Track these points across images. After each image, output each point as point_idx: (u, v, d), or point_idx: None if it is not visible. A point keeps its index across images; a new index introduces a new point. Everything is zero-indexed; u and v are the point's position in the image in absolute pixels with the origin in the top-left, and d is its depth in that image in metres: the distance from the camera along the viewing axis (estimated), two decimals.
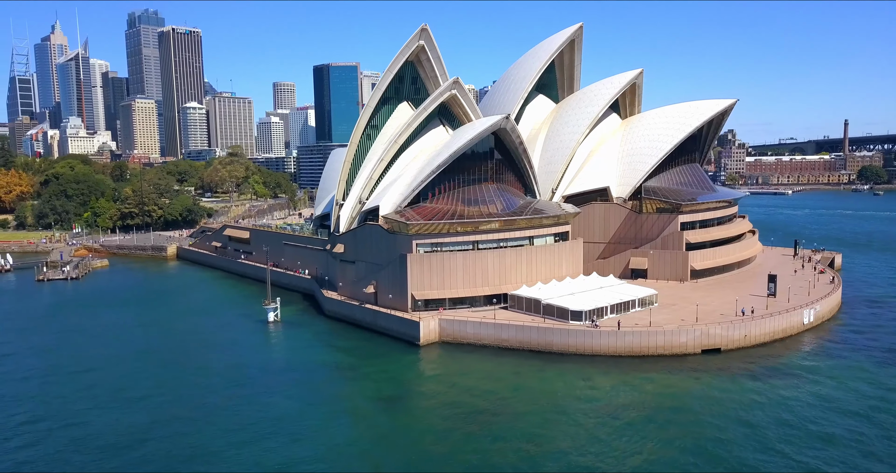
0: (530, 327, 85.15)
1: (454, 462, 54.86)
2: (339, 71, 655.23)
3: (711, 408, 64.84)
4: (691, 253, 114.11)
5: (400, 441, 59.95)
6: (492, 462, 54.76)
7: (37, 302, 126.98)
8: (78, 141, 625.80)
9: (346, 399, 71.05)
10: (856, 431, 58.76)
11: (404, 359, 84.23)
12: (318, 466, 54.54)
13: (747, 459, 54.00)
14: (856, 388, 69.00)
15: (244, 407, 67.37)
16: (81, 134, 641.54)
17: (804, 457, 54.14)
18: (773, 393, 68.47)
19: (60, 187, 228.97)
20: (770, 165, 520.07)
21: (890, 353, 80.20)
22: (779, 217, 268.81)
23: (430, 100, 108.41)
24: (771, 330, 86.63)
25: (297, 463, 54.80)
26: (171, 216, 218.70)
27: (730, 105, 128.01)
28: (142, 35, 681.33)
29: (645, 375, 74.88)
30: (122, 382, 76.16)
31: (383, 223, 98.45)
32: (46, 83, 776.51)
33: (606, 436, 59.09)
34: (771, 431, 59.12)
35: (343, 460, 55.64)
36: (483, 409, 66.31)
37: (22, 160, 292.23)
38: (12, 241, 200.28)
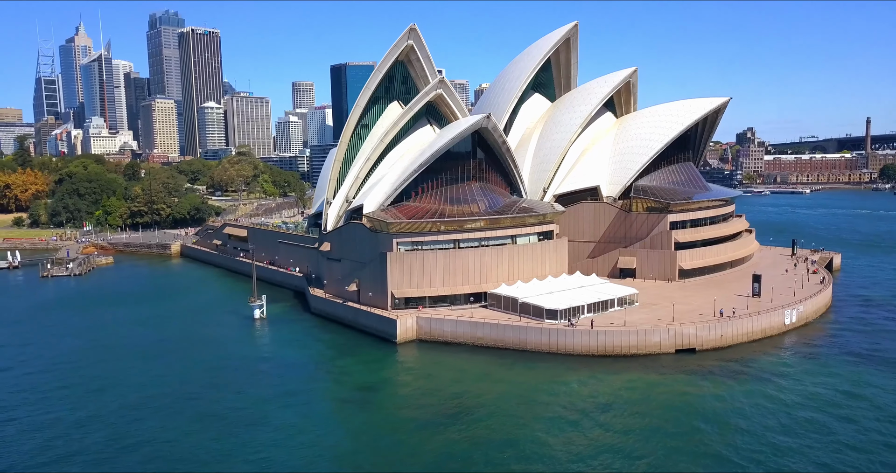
0: (504, 325, 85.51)
1: (405, 458, 55.54)
2: (356, 70, 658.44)
3: (668, 407, 64.81)
4: (679, 252, 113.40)
5: (359, 437, 60.72)
6: (443, 458, 55.31)
7: (33, 297, 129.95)
8: (100, 140, 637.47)
9: (315, 395, 71.94)
10: (807, 435, 58.14)
11: (379, 357, 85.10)
12: (271, 453, 55.53)
13: (679, 461, 53.86)
14: (821, 391, 68.25)
15: (209, 402, 68.71)
16: (104, 133, 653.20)
17: (742, 461, 53.87)
18: (737, 393, 68.15)
19: (73, 186, 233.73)
20: (789, 164, 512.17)
21: (867, 356, 79.12)
22: (790, 216, 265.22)
23: (416, 100, 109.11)
24: (748, 330, 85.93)
25: (246, 453, 55.87)
26: (179, 214, 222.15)
27: (722, 103, 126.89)
28: (162, 36, 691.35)
29: (614, 374, 74.89)
30: (86, 374, 78.28)
31: (366, 222, 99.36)
32: (71, 84, 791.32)
33: (559, 434, 59.34)
34: (720, 433, 58.83)
35: (301, 452, 56.53)
36: (446, 407, 66.82)
37: (39, 159, 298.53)
38: (24, 239, 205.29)
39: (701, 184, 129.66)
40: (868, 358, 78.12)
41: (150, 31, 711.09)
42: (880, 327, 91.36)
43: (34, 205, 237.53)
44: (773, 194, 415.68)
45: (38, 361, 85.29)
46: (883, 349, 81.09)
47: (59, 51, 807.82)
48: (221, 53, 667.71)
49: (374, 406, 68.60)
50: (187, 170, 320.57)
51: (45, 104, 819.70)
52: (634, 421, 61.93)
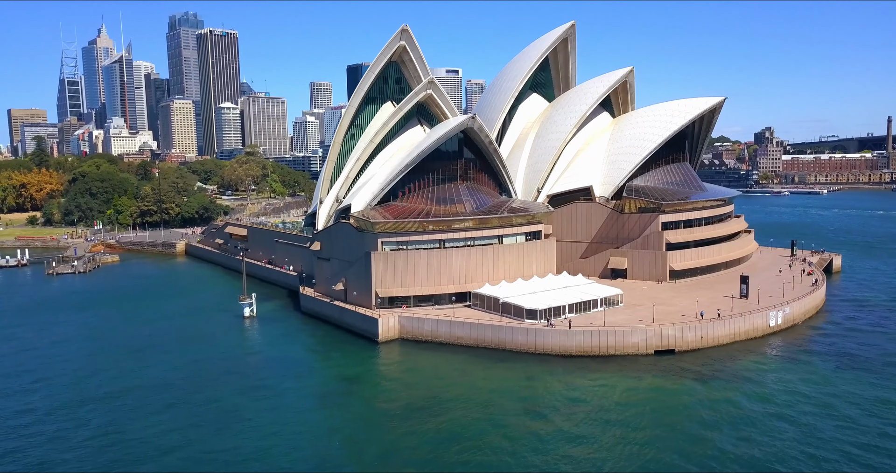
0: (484, 325, 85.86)
1: (361, 452, 56.26)
2: None
3: (632, 407, 64.83)
4: (670, 253, 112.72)
5: (319, 432, 61.47)
6: (406, 456, 55.96)
7: (34, 294, 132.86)
8: (120, 140, 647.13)
9: (290, 393, 72.64)
10: (757, 438, 57.64)
11: (360, 355, 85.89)
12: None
13: (626, 460, 53.94)
14: (790, 395, 67.45)
15: (181, 397, 70.11)
16: (124, 134, 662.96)
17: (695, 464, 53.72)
18: (708, 394, 67.88)
19: (86, 185, 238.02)
20: (808, 164, 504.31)
21: (848, 361, 77.93)
22: (801, 217, 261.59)
23: (406, 101, 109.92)
24: (730, 331, 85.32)
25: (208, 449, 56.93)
26: (188, 213, 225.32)
27: (717, 103, 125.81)
28: (182, 37, 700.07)
29: (589, 374, 74.92)
30: (67, 367, 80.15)
31: (352, 221, 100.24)
32: (93, 85, 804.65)
33: (521, 434, 59.54)
34: (683, 434, 58.67)
35: (261, 443, 57.44)
36: (417, 405, 67.40)
37: (55, 159, 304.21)
38: (36, 237, 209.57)
39: (696, 185, 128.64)
40: (848, 363, 76.95)
41: (169, 32, 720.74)
42: (868, 331, 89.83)
43: (48, 204, 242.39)
44: (793, 194, 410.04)
45: (19, 355, 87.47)
46: (865, 354, 79.73)
47: (81, 52, 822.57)
48: (239, 54, 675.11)
49: (343, 403, 69.26)
50: (200, 170, 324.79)
51: (69, 105, 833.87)
52: (596, 420, 62.00)
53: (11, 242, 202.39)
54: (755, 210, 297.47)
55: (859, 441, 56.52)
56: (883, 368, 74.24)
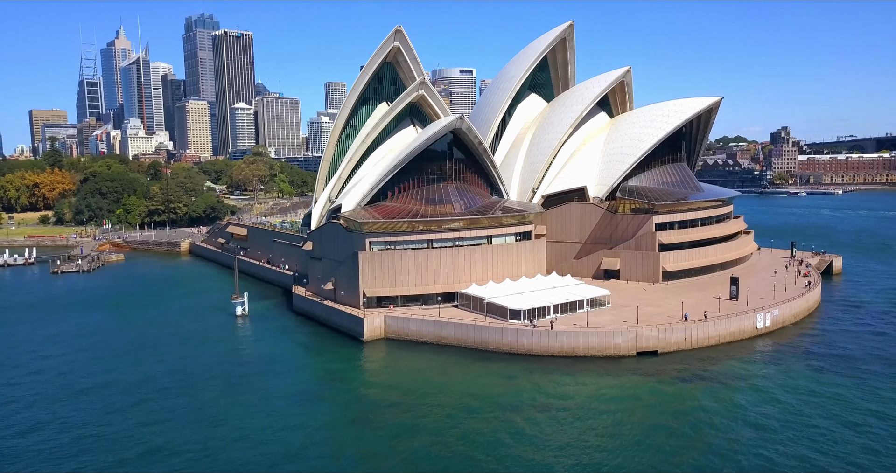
0: (467, 325, 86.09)
1: (328, 452, 56.83)
2: None
3: (603, 407, 64.72)
4: (663, 254, 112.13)
5: (289, 429, 61.84)
6: (371, 454, 56.45)
7: (36, 291, 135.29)
8: (137, 141, 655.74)
9: (269, 391, 73.25)
10: (728, 440, 57.33)
11: (344, 355, 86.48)
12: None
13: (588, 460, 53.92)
14: (764, 397, 66.88)
15: (157, 393, 71.35)
16: (140, 134, 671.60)
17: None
18: (680, 396, 67.72)
19: (96, 185, 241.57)
20: (823, 164, 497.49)
21: (832, 364, 76.99)
22: (810, 218, 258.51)
23: (397, 102, 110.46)
24: (715, 333, 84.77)
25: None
26: (195, 213, 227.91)
27: (714, 103, 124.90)
28: (198, 38, 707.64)
29: (568, 375, 74.86)
30: (52, 363, 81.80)
31: (342, 221, 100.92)
32: (111, 86, 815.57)
33: (487, 433, 59.66)
34: (656, 436, 58.48)
35: (234, 446, 58.19)
36: (392, 404, 67.88)
37: (68, 159, 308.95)
38: (46, 236, 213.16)
39: (693, 185, 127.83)
40: (832, 366, 75.96)
41: (186, 33, 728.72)
42: (858, 335, 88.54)
43: (59, 203, 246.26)
44: (810, 195, 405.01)
45: (11, 352, 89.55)
46: (850, 358, 78.54)
47: (100, 54, 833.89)
48: (254, 55, 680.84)
49: (319, 401, 69.84)
50: (211, 170, 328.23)
51: (88, 105, 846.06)
52: (563, 420, 62.06)
53: (22, 241, 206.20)
54: (765, 211, 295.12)
55: (816, 445, 55.83)
56: (862, 373, 73.01)
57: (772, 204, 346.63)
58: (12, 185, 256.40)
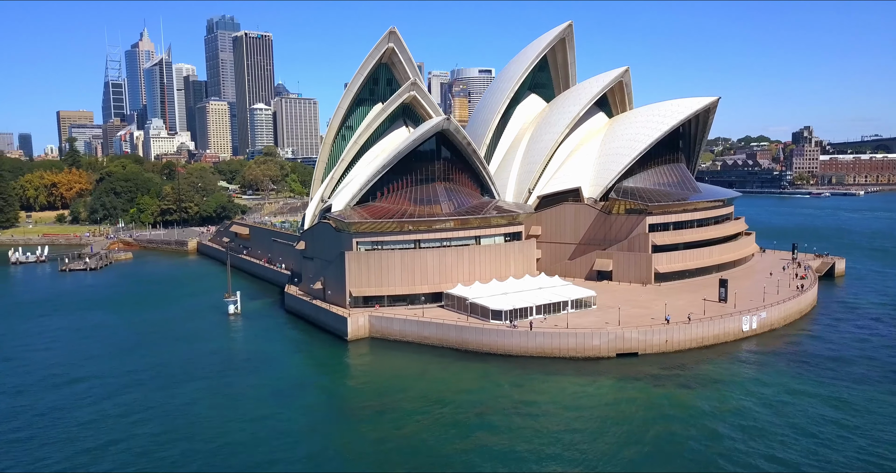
0: (448, 325, 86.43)
1: (297, 449, 57.60)
2: None
3: (576, 409, 64.73)
4: (656, 255, 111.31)
5: (257, 426, 62.72)
6: (335, 451, 57.11)
7: (41, 288, 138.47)
8: (159, 141, 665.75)
9: (247, 388, 74.18)
10: (676, 444, 57.02)
11: (327, 354, 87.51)
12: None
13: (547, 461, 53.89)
14: (737, 401, 66.30)
15: (134, 387, 73.11)
16: (163, 134, 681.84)
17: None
18: (651, 398, 67.40)
19: (111, 185, 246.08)
20: (846, 164, 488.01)
21: (814, 370, 75.85)
22: (825, 220, 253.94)
23: (389, 102, 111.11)
24: (698, 335, 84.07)
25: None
26: (205, 212, 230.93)
27: (711, 102, 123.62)
28: (219, 40, 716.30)
29: (543, 375, 74.89)
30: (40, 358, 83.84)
31: (331, 221, 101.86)
32: (135, 87, 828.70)
33: (456, 433, 60.10)
34: (613, 436, 58.38)
35: (202, 441, 59.27)
36: (363, 404, 68.67)
37: (86, 159, 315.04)
38: (60, 234, 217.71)
39: (691, 186, 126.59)
40: (810, 371, 74.77)
41: (207, 35, 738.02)
42: (848, 339, 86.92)
43: (75, 202, 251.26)
44: (834, 196, 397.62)
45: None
46: (831, 363, 77.12)
47: (124, 56, 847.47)
48: (273, 56, 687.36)
49: (294, 400, 70.44)
50: (226, 170, 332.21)
51: (113, 106, 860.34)
52: (532, 419, 62.19)
53: (38, 239, 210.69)
54: (782, 212, 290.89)
55: (772, 452, 55.21)
56: (839, 380, 71.50)
57: (791, 204, 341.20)
58: (31, 185, 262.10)
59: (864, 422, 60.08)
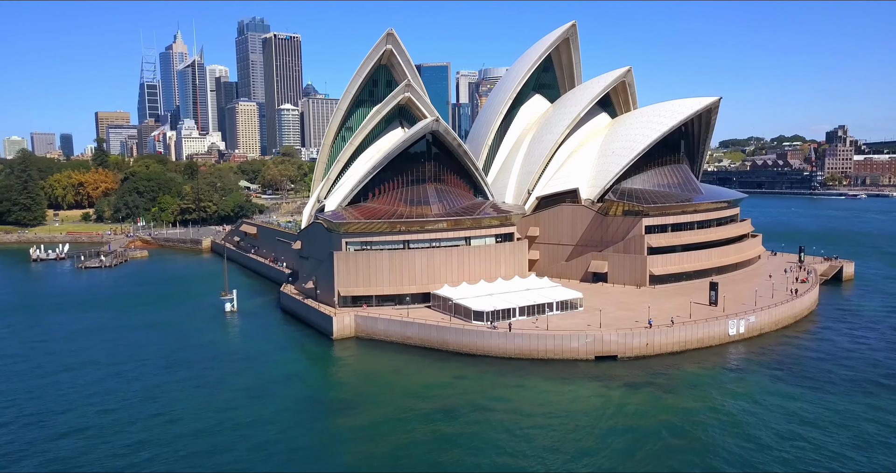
0: (430, 325, 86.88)
1: (262, 446, 58.79)
2: (430, 71, 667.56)
3: (542, 411, 64.57)
4: (651, 257, 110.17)
5: (220, 421, 63.91)
6: (298, 449, 58.10)
7: (56, 284, 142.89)
8: (191, 141, 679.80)
9: (224, 385, 75.52)
10: (628, 450, 56.46)
11: (312, 352, 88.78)
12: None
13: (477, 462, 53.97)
14: (708, 406, 65.41)
15: (112, 380, 75.41)
16: (194, 134, 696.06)
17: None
18: (623, 402, 66.76)
19: (134, 184, 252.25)
20: (881, 164, 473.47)
21: (796, 373, 74.53)
22: (850, 223, 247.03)
23: (383, 104, 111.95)
24: (680, 339, 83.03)
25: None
26: (223, 212, 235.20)
27: (712, 103, 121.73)
28: (249, 42, 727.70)
29: (517, 377, 74.84)
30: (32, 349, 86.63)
31: (322, 221, 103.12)
32: (168, 88, 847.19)
33: (418, 433, 60.60)
34: (576, 439, 58.20)
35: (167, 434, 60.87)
36: (334, 401, 69.67)
37: (113, 159, 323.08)
38: (83, 232, 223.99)
39: (692, 187, 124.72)
40: (790, 378, 73.13)
41: (238, 37, 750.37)
42: (836, 346, 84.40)
43: (100, 201, 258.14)
44: (870, 197, 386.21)
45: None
46: (813, 370, 75.30)
47: (159, 58, 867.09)
48: (302, 57, 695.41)
49: (267, 398, 71.52)
50: (249, 170, 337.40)
51: (148, 107, 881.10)
52: (495, 420, 62.30)
53: (62, 237, 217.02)
54: (807, 213, 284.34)
55: (732, 457, 54.43)
56: (818, 387, 69.55)
57: (821, 206, 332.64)
58: (59, 184, 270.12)
59: (819, 433, 58.64)
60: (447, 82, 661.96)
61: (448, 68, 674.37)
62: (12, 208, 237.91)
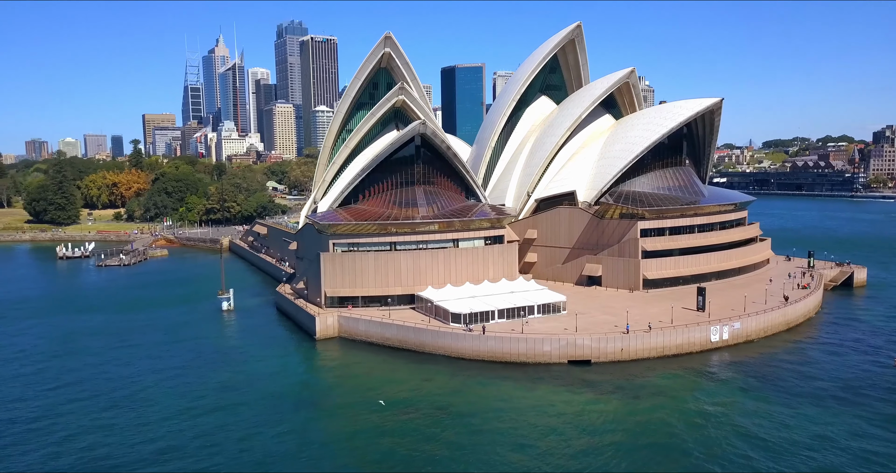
0: (407, 327, 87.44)
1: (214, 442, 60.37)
2: (465, 72, 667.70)
3: (497, 414, 64.48)
4: (645, 261, 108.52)
5: (186, 420, 65.91)
6: (247, 448, 59.50)
7: (73, 279, 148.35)
8: (230, 142, 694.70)
9: (197, 381, 77.35)
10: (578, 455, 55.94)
11: (294, 351, 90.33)
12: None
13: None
14: (672, 416, 64.22)
15: (92, 376, 77.88)
16: (234, 136, 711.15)
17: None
18: (585, 407, 66.19)
19: (163, 185, 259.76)
20: None
21: (769, 384, 72.53)
22: (882, 227, 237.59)
23: (378, 107, 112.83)
24: (657, 345, 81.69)
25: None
26: (247, 212, 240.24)
27: (713, 104, 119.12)
28: (287, 44, 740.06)
29: (486, 380, 74.90)
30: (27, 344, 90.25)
31: (313, 223, 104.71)
32: (211, 90, 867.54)
33: (373, 432, 61.33)
34: (528, 441, 58.02)
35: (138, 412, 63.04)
36: (297, 399, 70.83)
37: (147, 160, 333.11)
38: (112, 231, 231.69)
39: (695, 190, 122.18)
40: (760, 388, 70.99)
41: (277, 40, 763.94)
42: (822, 356, 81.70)
43: (131, 201, 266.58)
44: (887, 199, 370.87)
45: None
46: (789, 381, 72.99)
47: (202, 61, 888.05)
48: (338, 59, 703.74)
49: (238, 395, 73.09)
50: (278, 171, 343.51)
51: (191, 109, 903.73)
52: (451, 422, 62.54)
53: (92, 236, 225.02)
54: (841, 217, 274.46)
55: (678, 466, 53.49)
56: (789, 400, 67.26)
57: (860, 209, 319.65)
58: (94, 184, 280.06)
59: (777, 443, 57.16)
60: (482, 83, 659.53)
61: (483, 69, 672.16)
62: (48, 207, 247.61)
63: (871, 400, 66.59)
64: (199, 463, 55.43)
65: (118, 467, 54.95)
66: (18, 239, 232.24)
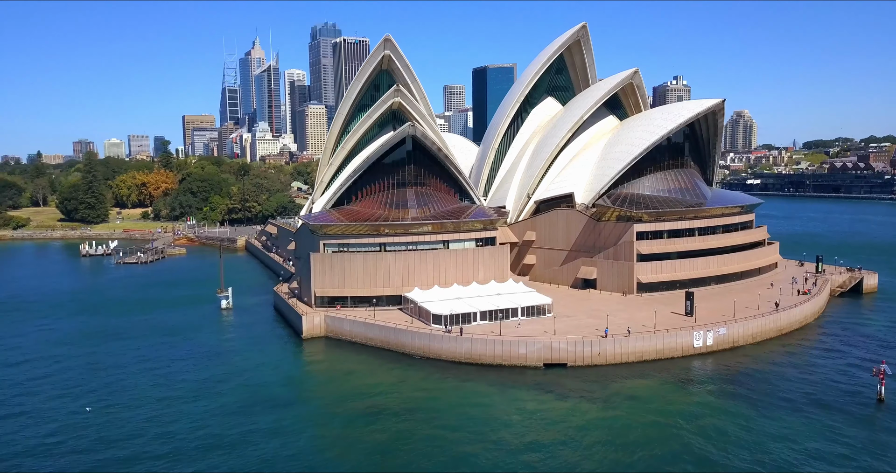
0: (389, 327, 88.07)
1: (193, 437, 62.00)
2: (497, 72, 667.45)
3: (464, 415, 64.62)
4: (639, 264, 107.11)
5: (163, 408, 67.63)
6: (216, 446, 60.93)
7: (89, 275, 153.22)
8: (264, 143, 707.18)
9: (180, 379, 79.30)
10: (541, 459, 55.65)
11: (279, 350, 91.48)
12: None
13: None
14: (637, 422, 63.38)
15: (79, 371, 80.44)
16: (268, 137, 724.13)
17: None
18: (550, 411, 65.89)
19: (189, 185, 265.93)
20: None
21: (742, 394, 70.68)
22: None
23: (374, 109, 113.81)
24: (636, 349, 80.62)
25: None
26: (267, 211, 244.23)
27: (715, 105, 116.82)
28: (321, 46, 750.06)
29: (458, 381, 75.15)
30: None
31: (305, 223, 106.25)
32: (247, 92, 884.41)
33: (342, 431, 62.25)
34: (477, 442, 58.06)
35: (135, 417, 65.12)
36: (269, 398, 71.98)
37: (177, 161, 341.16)
38: (137, 230, 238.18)
39: (697, 192, 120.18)
40: (737, 397, 69.10)
41: (311, 42, 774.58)
42: (807, 366, 79.06)
43: (158, 200, 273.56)
44: None
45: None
46: (766, 391, 70.89)
47: (238, 63, 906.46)
48: None
49: (215, 392, 74.76)
50: (304, 171, 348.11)
51: (228, 110, 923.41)
52: (411, 423, 62.93)
53: (118, 234, 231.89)
54: (874, 221, 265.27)
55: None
56: (761, 411, 65.22)
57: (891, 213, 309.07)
58: (124, 184, 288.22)
59: (738, 445, 56.17)
60: (513, 83, 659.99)
61: (514, 69, 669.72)
62: (79, 206, 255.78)
63: (839, 408, 64.77)
64: (145, 447, 57.74)
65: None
66: (49, 236, 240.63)
